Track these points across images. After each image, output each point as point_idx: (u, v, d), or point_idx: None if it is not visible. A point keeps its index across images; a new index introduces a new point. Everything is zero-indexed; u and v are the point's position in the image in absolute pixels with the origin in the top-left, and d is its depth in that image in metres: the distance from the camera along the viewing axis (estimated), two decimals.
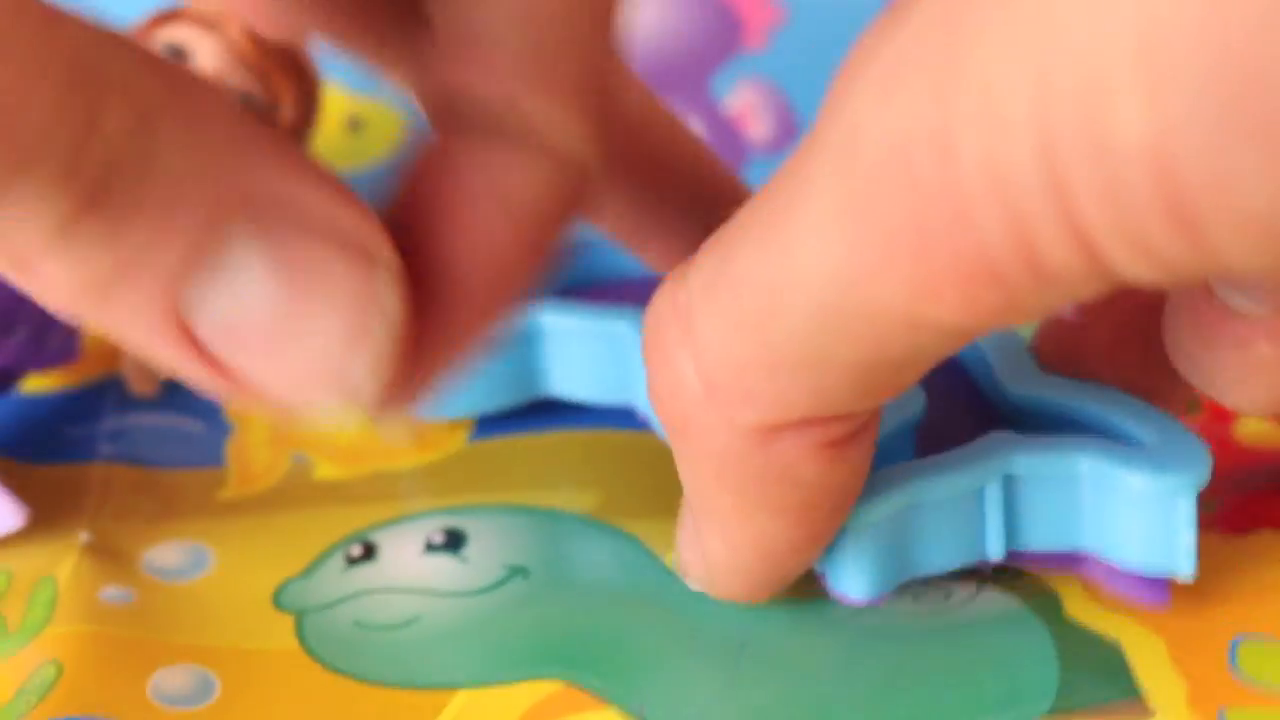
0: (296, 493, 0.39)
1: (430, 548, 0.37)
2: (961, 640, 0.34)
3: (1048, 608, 0.35)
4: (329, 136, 0.46)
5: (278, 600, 0.36)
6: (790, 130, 0.45)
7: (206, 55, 0.40)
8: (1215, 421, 0.39)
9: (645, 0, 0.48)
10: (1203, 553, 0.33)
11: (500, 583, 0.36)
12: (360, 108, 0.46)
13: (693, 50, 0.47)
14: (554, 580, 0.36)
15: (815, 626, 0.35)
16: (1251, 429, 0.39)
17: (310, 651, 0.35)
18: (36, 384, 0.41)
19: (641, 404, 0.38)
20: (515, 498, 0.38)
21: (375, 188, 0.45)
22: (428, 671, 0.35)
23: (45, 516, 0.38)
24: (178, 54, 0.40)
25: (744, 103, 0.45)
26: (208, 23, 0.41)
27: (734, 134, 0.45)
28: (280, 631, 0.36)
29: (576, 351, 0.38)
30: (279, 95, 0.41)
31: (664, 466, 0.38)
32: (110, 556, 0.37)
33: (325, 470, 0.39)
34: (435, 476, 0.39)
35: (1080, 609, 0.35)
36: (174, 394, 0.41)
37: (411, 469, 0.39)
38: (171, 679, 0.35)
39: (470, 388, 0.39)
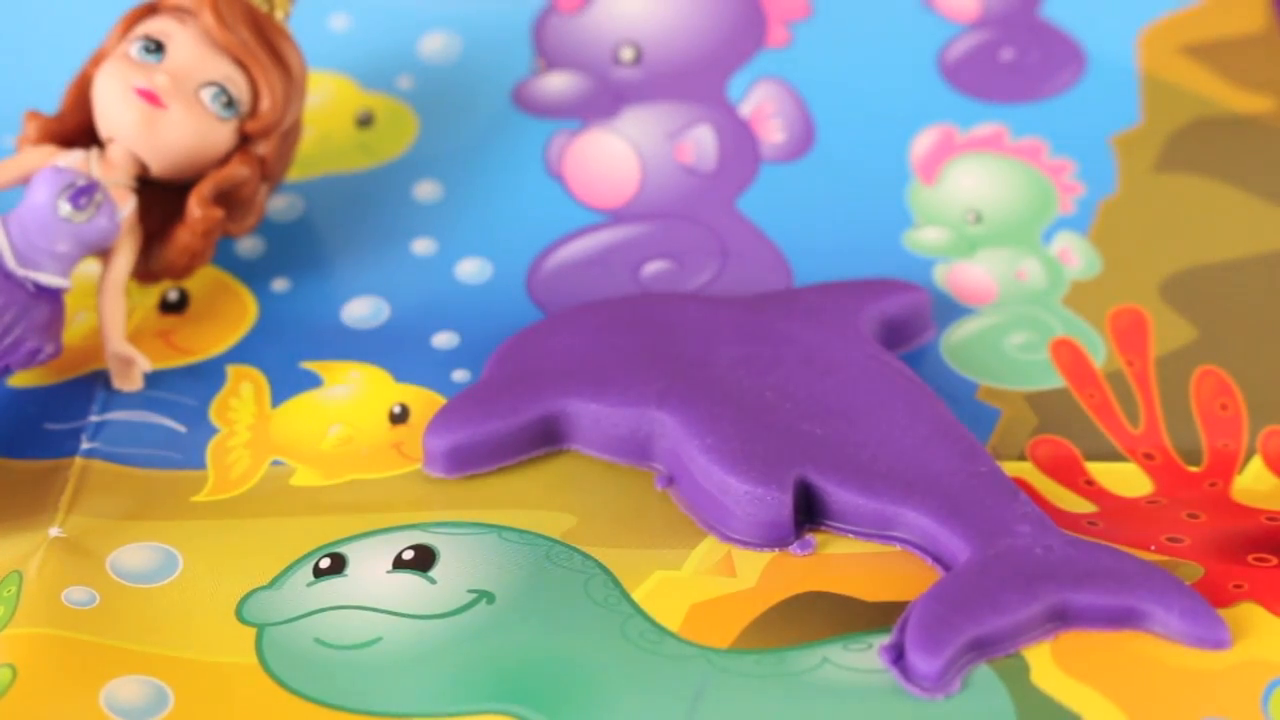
0: (272, 499, 0.38)
1: (399, 564, 0.37)
2: (921, 699, 0.34)
3: (1014, 673, 0.34)
4: (338, 132, 0.45)
5: (241, 611, 0.36)
6: (807, 135, 0.44)
7: (183, 44, 0.40)
8: (1214, 477, 0.38)
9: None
10: None
11: (464, 608, 0.36)
12: (370, 102, 0.46)
13: (715, 48, 0.46)
14: (518, 608, 0.36)
15: (773, 679, 0.34)
16: (1249, 487, 0.38)
17: (268, 668, 0.35)
18: (21, 380, 0.41)
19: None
20: (490, 515, 0.38)
21: (386, 184, 0.45)
22: (382, 698, 0.34)
23: (19, 509, 0.38)
24: (156, 45, 0.40)
25: (761, 105, 0.45)
26: (184, 13, 0.40)
27: (751, 138, 0.44)
28: (240, 645, 0.36)
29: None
30: (258, 84, 0.40)
31: (640, 495, 0.38)
32: (78, 554, 0.37)
33: (303, 477, 0.39)
34: (412, 487, 0.38)
35: (1047, 678, 0.34)
36: (159, 395, 0.40)
37: (389, 479, 0.39)
38: (125, 690, 0.35)
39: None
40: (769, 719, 0.34)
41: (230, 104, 0.40)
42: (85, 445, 0.39)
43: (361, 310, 0.42)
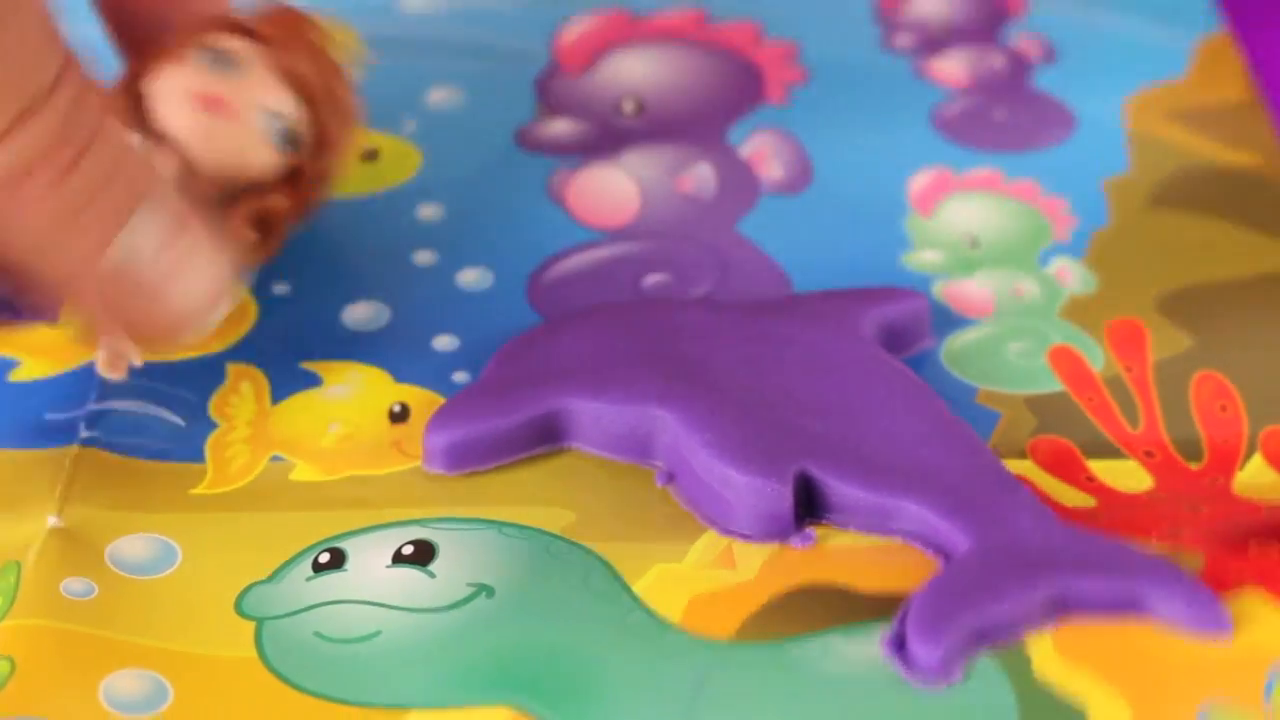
0: (271, 494, 0.38)
1: (398, 559, 0.37)
2: (923, 689, 0.34)
3: (1016, 662, 0.34)
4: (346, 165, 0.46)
5: (240, 604, 0.36)
6: (805, 173, 0.45)
7: (255, 67, 0.40)
8: (1214, 472, 0.38)
9: (668, 56, 0.48)
10: None
11: (464, 601, 0.36)
12: (376, 141, 0.46)
13: (714, 104, 0.47)
14: (518, 602, 0.36)
15: (774, 670, 0.34)
16: (1250, 481, 0.38)
17: (267, 661, 0.35)
18: (20, 371, 0.41)
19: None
20: (490, 512, 0.38)
21: (390, 207, 0.45)
22: (382, 690, 0.34)
23: (17, 497, 0.38)
24: (228, 63, 0.39)
25: (760, 149, 0.45)
26: (264, 40, 0.40)
27: (749, 174, 0.45)
28: (239, 638, 0.35)
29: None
30: (323, 126, 0.40)
31: (641, 491, 0.38)
32: (76, 544, 0.37)
33: (302, 472, 0.39)
34: (412, 484, 0.38)
35: (1049, 668, 0.34)
36: (158, 387, 0.40)
37: (389, 475, 0.39)
38: (124, 683, 0.35)
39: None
40: (770, 709, 0.34)
41: (288, 137, 0.40)
42: (84, 434, 0.39)
43: (362, 314, 0.42)
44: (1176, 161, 0.45)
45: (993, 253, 0.43)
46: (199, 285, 0.37)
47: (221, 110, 0.39)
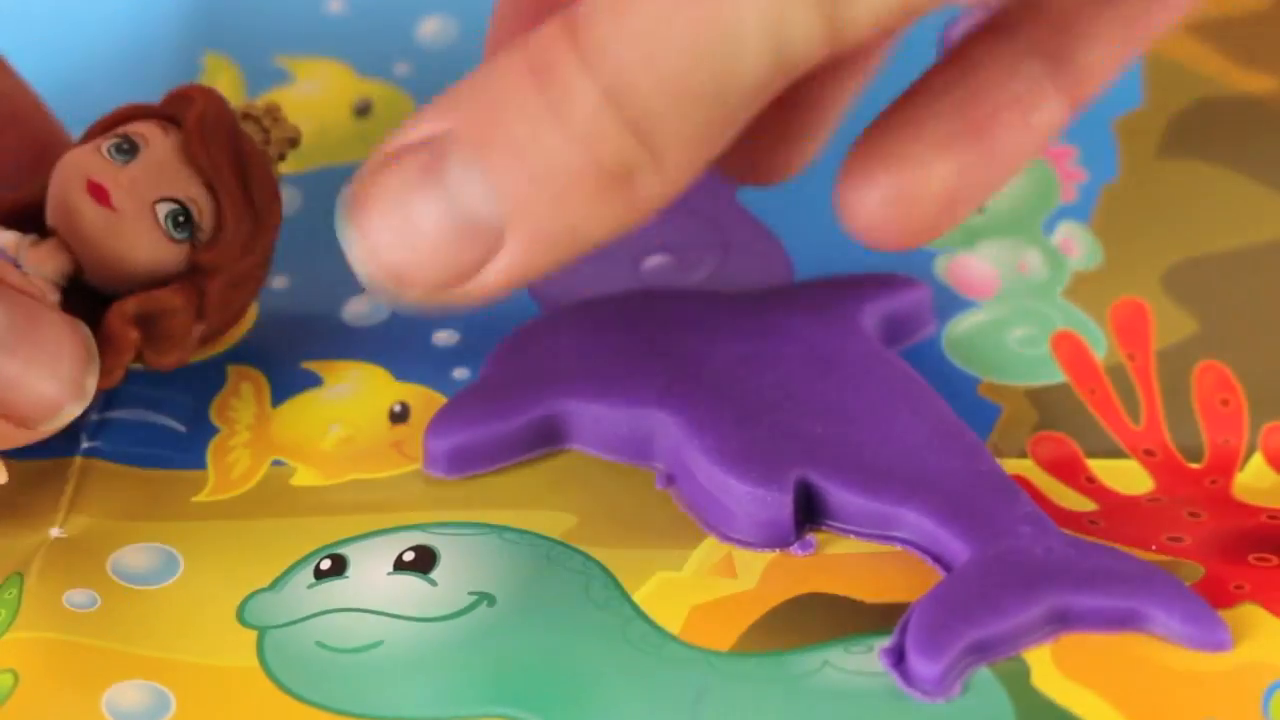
0: (273, 500, 0.38)
1: (400, 565, 0.37)
2: (922, 703, 0.34)
3: (1015, 676, 0.34)
4: (336, 124, 0.45)
5: (242, 614, 0.36)
6: None
7: (156, 152, 0.38)
8: (1215, 474, 0.38)
9: None
10: None
11: (465, 610, 0.36)
12: (368, 89, 0.45)
13: None
14: (518, 610, 0.36)
15: (773, 683, 0.34)
16: (1249, 484, 0.38)
17: (269, 672, 0.35)
18: None
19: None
20: (491, 516, 0.38)
21: None
22: (383, 702, 0.35)
23: (20, 509, 0.38)
24: (130, 147, 0.38)
25: None
26: (170, 122, 0.38)
27: None
28: (242, 648, 0.36)
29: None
30: (224, 215, 0.38)
31: (641, 494, 0.38)
32: (79, 555, 0.37)
33: (304, 477, 0.39)
34: (413, 487, 0.38)
35: (1047, 680, 0.34)
36: (159, 394, 0.40)
37: (390, 478, 0.39)
38: (127, 695, 0.35)
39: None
40: (768, 713, 0.34)
41: (183, 225, 0.38)
42: (85, 444, 0.39)
43: (362, 308, 0.42)
44: (1192, 91, 0.45)
45: (997, 219, 0.43)
46: (40, 391, 0.36)
47: (110, 200, 0.37)
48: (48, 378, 0.36)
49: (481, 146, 0.33)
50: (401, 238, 0.33)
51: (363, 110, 0.45)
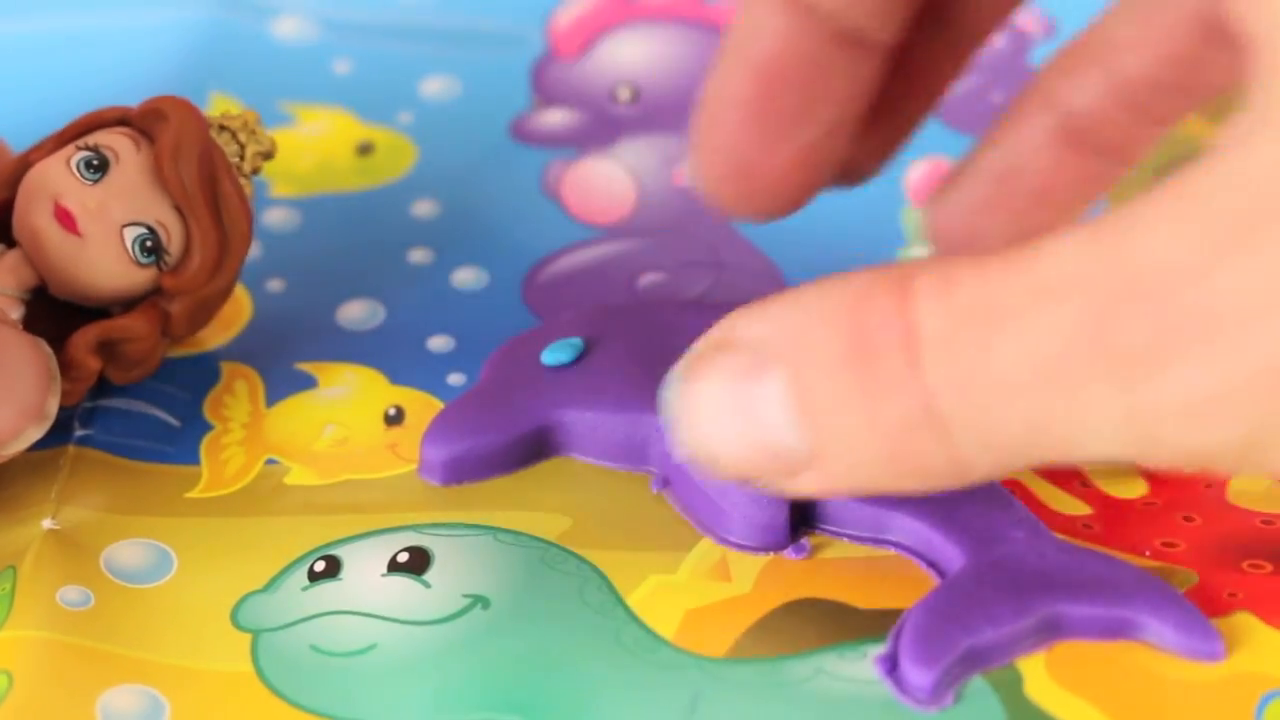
0: (266, 498, 0.38)
1: (394, 567, 0.37)
2: (915, 711, 0.34)
3: (1008, 685, 0.34)
4: (340, 159, 0.45)
5: (236, 615, 0.36)
6: None
7: (126, 172, 0.37)
8: (1210, 478, 0.38)
9: (664, 36, 0.48)
10: None
11: (459, 613, 0.36)
12: (370, 133, 0.46)
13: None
14: (513, 614, 0.36)
15: (767, 689, 0.34)
16: (1245, 488, 0.38)
17: (263, 676, 0.35)
18: None
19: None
20: (486, 517, 0.38)
21: (384, 203, 0.45)
22: (377, 708, 0.35)
23: (12, 499, 0.38)
24: (100, 164, 0.37)
25: None
26: (143, 135, 0.38)
27: None
28: (236, 651, 0.36)
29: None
30: (192, 238, 0.38)
31: (636, 497, 0.38)
32: (72, 549, 0.37)
33: (298, 476, 0.39)
34: (407, 488, 0.38)
35: (1040, 689, 0.34)
36: (152, 385, 0.40)
37: (384, 479, 0.39)
38: (121, 699, 0.35)
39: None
40: None
41: (151, 251, 0.37)
42: (78, 431, 0.39)
43: (357, 313, 0.42)
44: (1172, 148, 0.45)
45: None
46: (0, 416, 0.36)
47: (77, 227, 0.37)
48: (7, 402, 0.36)
49: (792, 385, 0.32)
50: (717, 429, 0.33)
51: (365, 150, 0.45)
